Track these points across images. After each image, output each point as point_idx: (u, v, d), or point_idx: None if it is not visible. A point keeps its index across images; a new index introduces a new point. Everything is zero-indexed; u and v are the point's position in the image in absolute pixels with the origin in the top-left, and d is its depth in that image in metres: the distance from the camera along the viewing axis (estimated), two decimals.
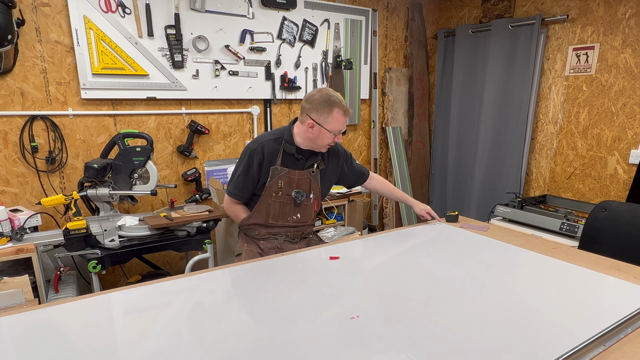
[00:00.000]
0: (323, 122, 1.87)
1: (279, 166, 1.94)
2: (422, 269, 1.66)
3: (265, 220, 1.99)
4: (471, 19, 4.06)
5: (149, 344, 1.14)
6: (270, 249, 2.00)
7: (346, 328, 1.20)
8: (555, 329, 1.20)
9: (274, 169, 1.93)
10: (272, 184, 1.94)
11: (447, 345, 1.12)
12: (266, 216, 1.98)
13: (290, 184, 1.96)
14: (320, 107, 1.86)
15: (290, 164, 1.96)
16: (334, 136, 1.90)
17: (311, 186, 2.01)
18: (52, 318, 1.29)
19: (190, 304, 1.41)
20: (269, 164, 1.94)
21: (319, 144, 1.94)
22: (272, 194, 1.95)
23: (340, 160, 2.14)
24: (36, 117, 2.57)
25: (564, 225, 2.82)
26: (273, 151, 1.95)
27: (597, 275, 1.58)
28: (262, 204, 1.97)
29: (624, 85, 3.03)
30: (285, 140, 1.96)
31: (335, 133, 1.89)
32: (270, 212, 1.98)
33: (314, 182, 2.01)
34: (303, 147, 1.97)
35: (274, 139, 1.97)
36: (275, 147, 1.95)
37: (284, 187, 1.95)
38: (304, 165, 1.99)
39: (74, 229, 2.27)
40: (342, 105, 1.87)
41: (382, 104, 4.14)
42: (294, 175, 1.96)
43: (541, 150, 3.62)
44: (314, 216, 2.10)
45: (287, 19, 3.32)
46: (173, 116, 3.03)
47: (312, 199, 2.03)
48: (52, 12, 2.52)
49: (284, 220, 2.01)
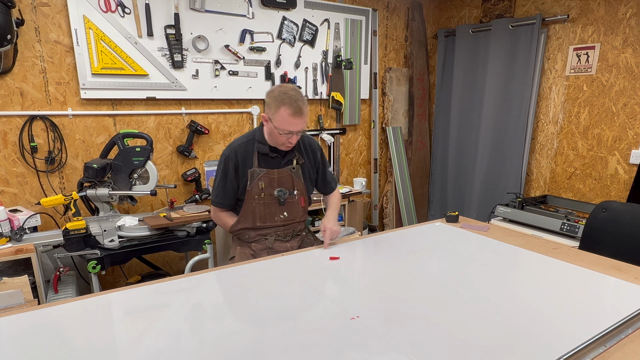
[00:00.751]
0: (272, 117, 1.82)
1: (257, 168, 1.92)
2: (422, 269, 1.65)
3: (253, 223, 1.98)
4: (471, 18, 4.06)
5: (148, 344, 1.14)
6: (261, 250, 1.98)
7: (346, 328, 1.20)
8: (555, 329, 1.19)
9: (252, 171, 1.91)
10: (253, 187, 1.92)
11: (447, 346, 1.12)
12: (253, 219, 1.97)
13: (272, 184, 1.94)
14: (272, 102, 1.81)
15: (268, 164, 1.94)
16: (284, 135, 1.82)
17: (294, 183, 1.99)
18: (51, 318, 1.29)
19: (190, 304, 1.41)
20: (245, 167, 1.92)
21: (275, 141, 1.90)
22: (254, 197, 1.93)
23: (317, 157, 2.10)
24: (36, 117, 2.57)
25: (565, 225, 2.82)
26: (247, 153, 1.92)
27: (597, 275, 1.58)
28: (246, 207, 1.96)
29: (625, 85, 3.03)
30: (257, 141, 1.93)
31: (282, 132, 1.81)
32: (257, 215, 1.96)
33: (296, 178, 1.99)
34: (272, 144, 1.93)
35: (246, 142, 1.95)
36: (248, 149, 1.93)
37: (265, 187, 1.93)
38: (281, 163, 1.96)
39: (74, 229, 2.27)
40: (292, 104, 1.76)
41: (382, 104, 4.14)
42: (273, 174, 1.93)
43: (541, 151, 3.61)
44: (302, 212, 2.07)
45: (287, 18, 3.32)
46: (173, 116, 3.03)
47: (298, 196, 2.01)
48: (52, 12, 2.52)
49: (271, 221, 1.99)
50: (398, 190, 4.20)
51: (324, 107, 3.74)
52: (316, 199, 3.14)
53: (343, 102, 3.79)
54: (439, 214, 4.51)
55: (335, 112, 3.83)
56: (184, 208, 2.75)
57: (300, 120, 1.81)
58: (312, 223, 3.35)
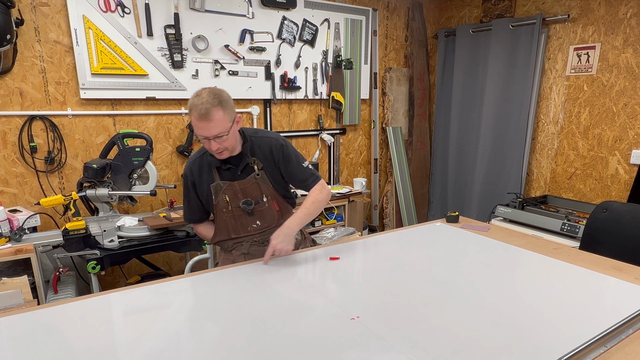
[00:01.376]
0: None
1: (220, 181, 1.82)
2: (422, 269, 1.65)
3: (228, 235, 1.92)
4: (472, 18, 4.05)
5: (148, 344, 1.14)
6: (238, 256, 1.93)
7: (346, 329, 1.20)
8: (556, 330, 1.19)
9: (215, 185, 1.82)
10: (219, 201, 1.84)
11: (448, 347, 1.11)
12: (227, 231, 1.91)
13: (236, 196, 1.84)
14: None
15: (228, 176, 1.84)
16: (204, 141, 1.70)
17: (262, 189, 1.87)
18: (51, 319, 1.28)
19: (190, 304, 1.41)
20: (202, 183, 1.85)
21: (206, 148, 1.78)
22: (222, 210, 1.86)
23: (275, 156, 1.89)
24: (35, 117, 2.56)
25: (565, 225, 2.81)
26: (201, 168, 1.85)
27: (598, 276, 1.57)
28: (218, 221, 1.90)
29: (625, 85, 3.02)
30: (208, 154, 1.83)
31: (199, 137, 1.69)
32: (230, 227, 1.90)
33: (263, 185, 1.87)
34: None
35: (199, 157, 1.86)
36: (202, 164, 1.85)
37: (231, 200, 1.84)
38: (236, 173, 1.84)
39: (73, 230, 2.27)
40: (197, 107, 1.62)
41: (383, 104, 4.14)
42: (235, 186, 1.83)
43: (542, 151, 3.61)
44: (278, 217, 1.94)
45: (287, 18, 3.31)
46: (172, 116, 3.02)
47: (268, 202, 1.90)
48: (51, 12, 2.51)
49: (245, 232, 1.92)
50: (398, 190, 4.20)
51: (324, 107, 3.73)
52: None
53: (343, 102, 3.78)
54: (439, 214, 4.51)
55: (335, 112, 3.83)
56: None
57: (208, 124, 1.63)
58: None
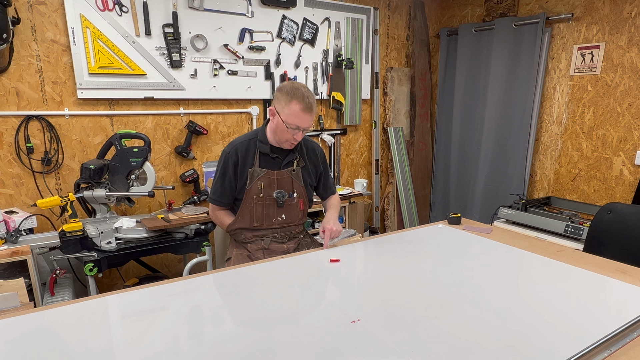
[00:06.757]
0: (280, 110, 1.81)
1: (258, 168, 1.90)
2: (424, 271, 1.63)
3: (250, 224, 1.95)
4: (474, 17, 4.03)
5: (146, 348, 1.13)
6: (256, 251, 1.96)
7: (347, 332, 1.18)
8: (559, 333, 1.18)
9: (252, 170, 1.89)
10: (252, 187, 1.90)
11: (450, 350, 1.09)
12: (250, 219, 1.95)
13: (271, 185, 1.92)
14: (282, 96, 1.81)
15: (269, 165, 1.92)
16: (291, 131, 1.81)
17: (294, 185, 1.96)
18: (47, 322, 1.27)
19: (188, 307, 1.39)
20: (245, 166, 1.90)
21: (279, 137, 1.88)
22: (253, 197, 1.91)
23: (319, 162, 2.09)
24: (32, 117, 2.54)
25: (569, 227, 2.78)
26: (248, 152, 1.91)
27: (602, 278, 1.56)
28: (244, 207, 1.93)
29: (630, 85, 2.99)
30: (259, 140, 1.92)
31: (289, 126, 1.80)
32: (254, 215, 1.94)
33: (296, 181, 1.97)
34: (275, 144, 1.93)
35: (247, 140, 1.93)
36: (250, 148, 1.92)
37: (264, 188, 1.91)
38: (281, 164, 1.95)
39: (70, 231, 2.25)
40: (304, 99, 1.77)
41: (384, 104, 4.11)
42: (273, 175, 1.92)
43: (545, 151, 3.58)
44: (301, 215, 2.04)
45: (287, 17, 3.29)
46: (171, 116, 3.00)
47: (297, 198, 1.98)
48: (48, 11, 2.49)
49: (268, 223, 1.97)
50: (399, 191, 4.17)
51: (325, 107, 3.71)
52: (317, 201, 3.10)
53: (344, 102, 3.76)
54: (441, 215, 4.48)
55: (336, 113, 3.80)
56: (182, 210, 2.73)
57: (309, 117, 1.81)
58: (311, 225, 3.32)
